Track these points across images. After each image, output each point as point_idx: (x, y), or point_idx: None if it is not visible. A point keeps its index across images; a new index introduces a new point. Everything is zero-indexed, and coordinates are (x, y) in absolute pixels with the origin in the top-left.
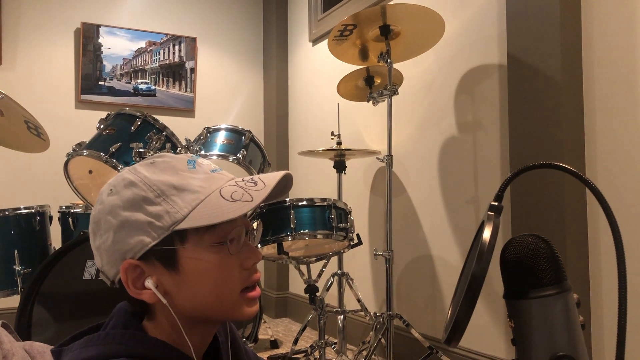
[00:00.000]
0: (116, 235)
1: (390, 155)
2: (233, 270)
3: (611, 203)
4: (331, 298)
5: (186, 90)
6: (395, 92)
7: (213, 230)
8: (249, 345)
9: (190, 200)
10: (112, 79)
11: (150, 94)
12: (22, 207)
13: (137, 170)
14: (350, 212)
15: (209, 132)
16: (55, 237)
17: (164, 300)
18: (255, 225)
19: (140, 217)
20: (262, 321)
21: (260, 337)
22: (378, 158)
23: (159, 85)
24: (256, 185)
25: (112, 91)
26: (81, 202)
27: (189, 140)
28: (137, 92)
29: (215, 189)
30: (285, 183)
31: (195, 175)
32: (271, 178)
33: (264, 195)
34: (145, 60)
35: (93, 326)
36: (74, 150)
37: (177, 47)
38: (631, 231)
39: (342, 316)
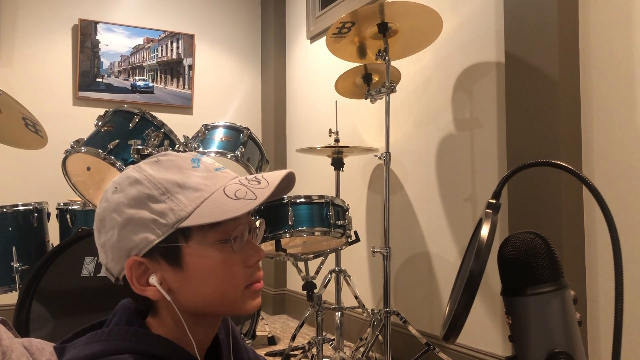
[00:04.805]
0: (121, 233)
1: (387, 152)
2: (236, 267)
3: (608, 201)
4: (329, 295)
5: (184, 87)
6: (393, 90)
7: (217, 228)
8: (247, 342)
9: (194, 198)
10: (110, 76)
11: (148, 91)
12: (19, 203)
13: (141, 168)
14: (348, 209)
15: (207, 129)
16: (53, 234)
17: (167, 297)
18: (258, 223)
19: (145, 214)
20: (260, 318)
21: (258, 333)
22: (376, 155)
23: (156, 82)
24: (259, 183)
25: (110, 88)
26: (79, 198)
27: (187, 137)
28: (135, 89)
29: (219, 187)
30: (288, 182)
31: (199, 174)
32: (274, 176)
33: (267, 193)
34: (143, 57)
35: (95, 323)
36: (72, 147)
37: (175, 44)
38: (628, 229)
39: (339, 313)
